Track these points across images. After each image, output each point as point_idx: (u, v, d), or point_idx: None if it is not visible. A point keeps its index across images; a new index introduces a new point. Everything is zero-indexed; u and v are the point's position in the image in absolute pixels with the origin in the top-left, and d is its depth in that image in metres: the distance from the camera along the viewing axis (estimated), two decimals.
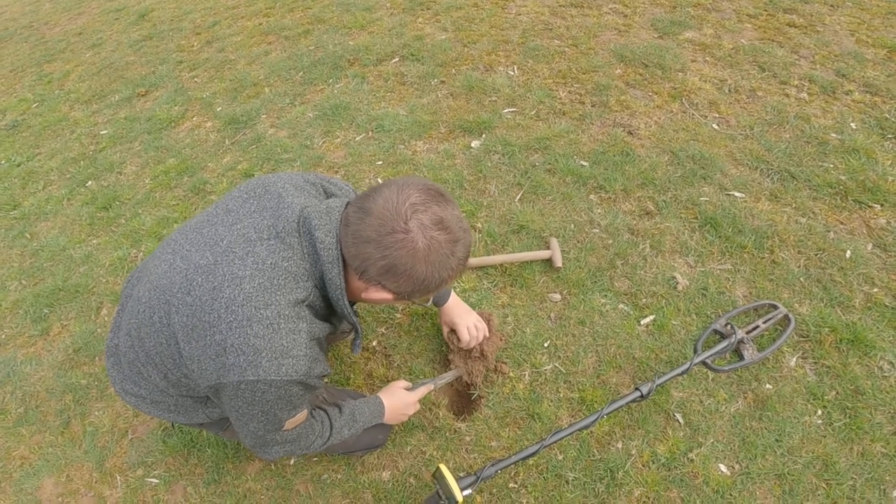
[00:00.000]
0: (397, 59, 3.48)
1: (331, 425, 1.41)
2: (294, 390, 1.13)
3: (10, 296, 2.60)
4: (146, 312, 1.21)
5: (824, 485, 1.57)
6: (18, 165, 3.54)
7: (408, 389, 1.68)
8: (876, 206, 2.23)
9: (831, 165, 2.40)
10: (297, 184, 1.28)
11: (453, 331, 1.83)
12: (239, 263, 1.09)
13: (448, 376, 1.82)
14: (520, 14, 3.71)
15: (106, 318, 2.37)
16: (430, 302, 1.79)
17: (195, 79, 3.92)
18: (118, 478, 1.87)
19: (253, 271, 1.07)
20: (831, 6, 3.51)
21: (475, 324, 1.81)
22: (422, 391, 1.71)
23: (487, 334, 1.85)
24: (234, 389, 1.10)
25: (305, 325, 1.11)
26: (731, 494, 1.57)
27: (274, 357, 1.06)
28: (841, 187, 2.30)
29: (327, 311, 1.20)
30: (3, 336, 2.42)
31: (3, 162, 3.62)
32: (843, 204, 2.25)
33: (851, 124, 2.60)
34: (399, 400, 1.64)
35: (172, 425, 1.94)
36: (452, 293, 1.81)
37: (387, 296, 1.11)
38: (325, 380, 1.76)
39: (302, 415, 1.23)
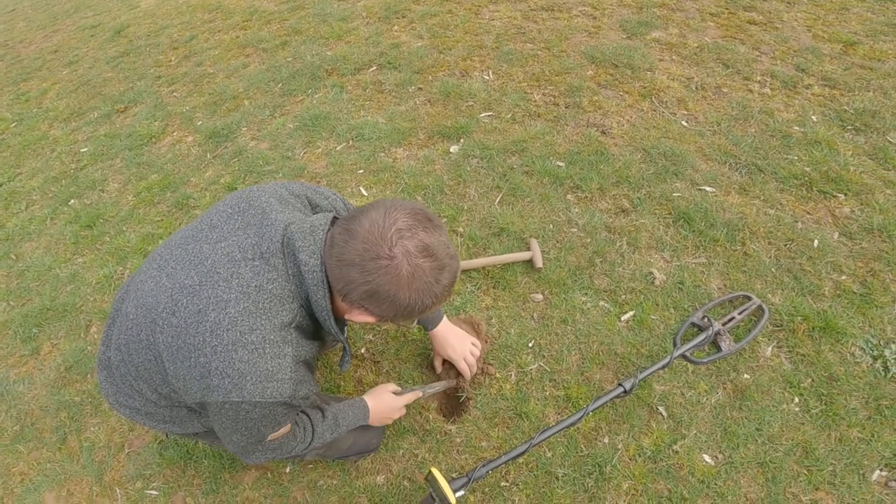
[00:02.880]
0: (375, 68, 3.45)
1: (313, 430, 1.39)
2: (278, 410, 1.11)
3: None
4: (134, 329, 1.19)
5: (805, 471, 1.58)
6: (0, 186, 3.44)
7: (396, 394, 1.65)
8: (840, 195, 2.25)
9: (795, 157, 2.43)
10: (282, 196, 1.24)
11: (447, 362, 1.83)
12: (224, 286, 1.05)
13: (437, 386, 1.79)
14: (493, 19, 3.70)
15: (95, 336, 2.31)
16: (417, 323, 1.76)
17: (174, 93, 3.84)
18: (118, 491, 1.84)
19: (238, 294, 1.04)
20: (788, 3, 3.55)
21: (471, 350, 1.79)
22: (409, 396, 1.68)
23: (479, 353, 1.84)
24: (219, 407, 1.08)
25: (291, 348, 1.08)
26: (716, 484, 1.57)
27: (258, 381, 1.04)
28: (806, 178, 2.33)
29: (316, 328, 1.17)
30: None
31: None
32: (809, 195, 2.28)
33: (812, 117, 2.64)
34: (385, 404, 1.61)
35: (167, 436, 1.90)
36: (444, 317, 1.76)
37: (369, 318, 1.08)
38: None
39: (285, 429, 1.22)
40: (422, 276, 0.99)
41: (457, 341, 1.77)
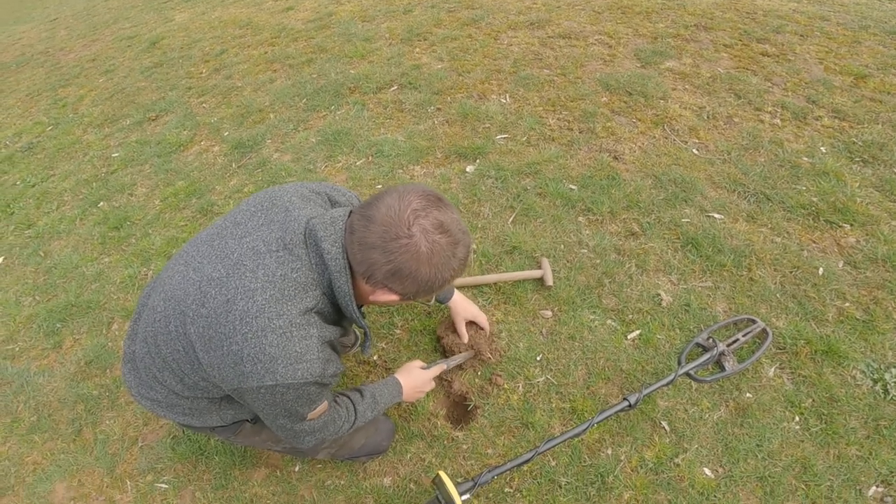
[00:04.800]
0: (396, 88, 3.54)
1: (355, 410, 1.44)
2: (311, 389, 1.15)
3: (24, 310, 2.60)
4: (162, 322, 1.23)
5: (803, 486, 1.60)
6: (33, 186, 3.55)
7: (422, 369, 1.71)
8: (846, 225, 2.28)
9: (804, 188, 2.46)
10: (303, 194, 1.29)
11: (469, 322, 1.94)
12: (250, 276, 1.10)
13: (458, 358, 1.87)
14: (511, 45, 3.78)
15: (117, 333, 2.37)
16: (434, 301, 1.85)
17: (203, 104, 3.95)
18: (129, 483, 1.88)
19: (264, 283, 1.09)
20: (801, 36, 3.60)
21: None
22: (436, 370, 1.74)
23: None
24: (255, 393, 1.13)
25: (316, 330, 1.12)
26: (715, 496, 1.59)
27: (289, 363, 1.09)
28: (813, 208, 2.36)
29: (336, 315, 1.22)
30: (17, 348, 2.42)
31: (18, 183, 3.63)
32: (816, 224, 2.31)
33: (822, 148, 2.67)
34: (415, 378, 1.66)
35: (183, 432, 1.95)
36: (455, 290, 1.87)
37: (393, 297, 1.12)
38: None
39: (323, 406, 1.26)
40: (440, 251, 1.04)
41: (470, 303, 1.91)
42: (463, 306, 1.88)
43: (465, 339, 1.91)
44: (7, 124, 4.57)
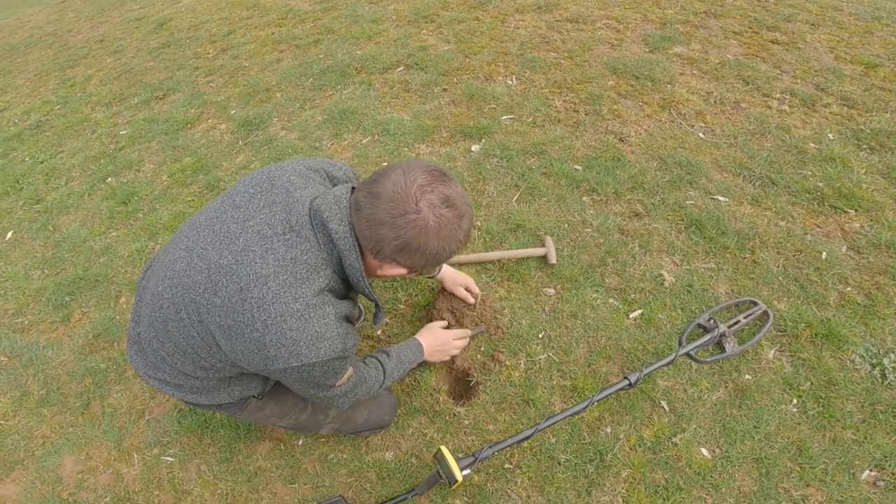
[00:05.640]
0: (402, 68, 3.50)
1: (384, 370, 1.49)
2: (335, 364, 1.18)
3: (33, 284, 2.60)
4: (171, 309, 1.21)
5: (798, 468, 1.60)
6: (42, 162, 3.54)
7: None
8: (851, 211, 2.26)
9: (809, 173, 2.43)
10: (301, 172, 1.28)
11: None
12: (260, 262, 1.09)
13: (476, 330, 1.93)
14: (518, 28, 3.74)
15: (125, 306, 2.38)
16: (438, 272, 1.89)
17: (210, 84, 3.93)
18: (135, 456, 1.89)
19: (276, 269, 1.09)
20: (812, 24, 3.55)
21: None
22: (460, 332, 1.81)
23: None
24: (283, 373, 1.15)
25: (332, 308, 1.14)
26: (711, 476, 1.59)
27: (311, 344, 1.10)
28: (818, 193, 2.33)
29: (346, 290, 1.24)
30: (27, 322, 2.43)
31: (27, 159, 3.62)
32: (820, 209, 2.28)
33: (829, 135, 2.64)
34: (437, 337, 1.71)
35: (191, 409, 1.95)
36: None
37: (401, 270, 1.14)
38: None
39: (349, 372, 1.29)
40: (447, 225, 1.06)
41: (459, 273, 1.96)
42: (455, 274, 1.92)
43: (471, 300, 1.93)
44: (16, 103, 4.55)
